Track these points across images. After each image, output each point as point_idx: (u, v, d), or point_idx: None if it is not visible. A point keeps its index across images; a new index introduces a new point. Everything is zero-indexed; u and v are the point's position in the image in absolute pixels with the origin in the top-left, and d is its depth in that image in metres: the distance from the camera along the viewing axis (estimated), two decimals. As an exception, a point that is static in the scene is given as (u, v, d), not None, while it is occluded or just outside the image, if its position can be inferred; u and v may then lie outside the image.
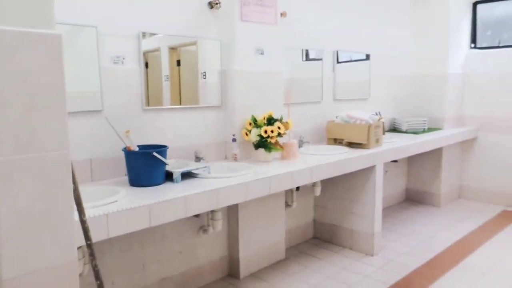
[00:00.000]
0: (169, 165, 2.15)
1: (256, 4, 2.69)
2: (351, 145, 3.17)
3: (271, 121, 2.65)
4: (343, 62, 3.68)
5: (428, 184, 4.46)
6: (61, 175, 1.26)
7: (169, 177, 2.12)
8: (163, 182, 2.09)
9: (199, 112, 2.61)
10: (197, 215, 2.41)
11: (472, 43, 4.53)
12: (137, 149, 2.07)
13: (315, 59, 3.44)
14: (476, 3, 4.47)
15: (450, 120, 4.42)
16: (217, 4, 2.57)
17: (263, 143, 2.62)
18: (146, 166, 2.03)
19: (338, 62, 3.62)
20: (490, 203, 4.41)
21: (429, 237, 3.51)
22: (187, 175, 2.19)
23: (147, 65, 2.35)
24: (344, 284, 2.72)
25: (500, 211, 4.18)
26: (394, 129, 4.31)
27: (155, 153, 2.01)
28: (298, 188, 3.09)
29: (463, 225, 3.79)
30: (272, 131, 2.58)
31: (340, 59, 3.63)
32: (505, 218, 4.00)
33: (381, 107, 4.00)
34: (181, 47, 2.57)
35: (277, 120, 2.67)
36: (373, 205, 3.11)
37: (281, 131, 2.62)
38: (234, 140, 2.65)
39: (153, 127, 2.38)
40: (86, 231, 1.36)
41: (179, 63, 2.56)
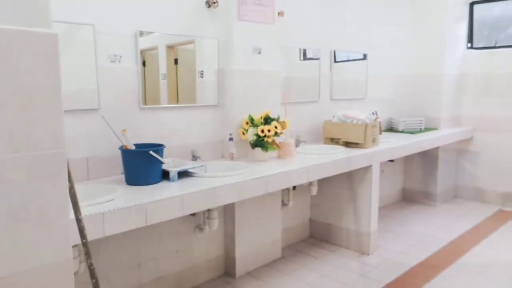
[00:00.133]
0: (166, 164, 2.15)
1: (253, 3, 2.70)
2: (348, 144, 3.18)
3: (268, 121, 2.65)
4: (340, 61, 3.69)
5: (424, 183, 4.48)
6: (56, 173, 1.26)
7: (165, 176, 2.12)
8: (159, 181, 2.09)
9: (196, 111, 2.61)
10: (193, 214, 2.40)
11: (468, 43, 4.55)
12: (133, 147, 2.07)
13: (312, 59, 3.45)
14: (473, 3, 4.48)
15: (446, 120, 4.43)
16: (214, 3, 2.57)
17: (260, 142, 2.62)
18: (142, 164, 2.03)
19: (335, 61, 3.62)
20: (486, 203, 4.43)
21: (425, 236, 3.53)
22: (184, 174, 2.19)
23: (144, 64, 2.35)
24: (340, 283, 2.73)
25: (496, 211, 4.21)
26: (390, 128, 4.32)
27: (151, 152, 2.01)
28: (294, 187, 3.10)
29: (459, 224, 3.81)
30: (269, 131, 2.58)
31: (337, 59, 3.64)
32: (501, 217, 4.02)
33: (378, 106, 4.01)
34: (178, 46, 2.57)
35: (274, 119, 2.67)
36: (369, 205, 3.12)
37: (278, 131, 2.62)
38: (231, 139, 2.65)
39: (150, 126, 2.38)
40: (81, 229, 1.36)
41: (176, 61, 2.55)
